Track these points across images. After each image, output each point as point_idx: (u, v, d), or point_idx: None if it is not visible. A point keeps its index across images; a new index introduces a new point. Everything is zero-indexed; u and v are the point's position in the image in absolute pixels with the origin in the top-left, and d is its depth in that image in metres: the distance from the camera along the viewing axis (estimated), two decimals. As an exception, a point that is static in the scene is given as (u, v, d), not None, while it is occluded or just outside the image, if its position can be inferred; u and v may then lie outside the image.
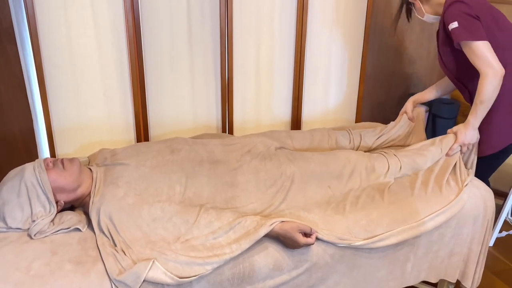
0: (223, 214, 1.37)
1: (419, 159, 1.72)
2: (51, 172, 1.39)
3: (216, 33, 2.07)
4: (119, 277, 1.17)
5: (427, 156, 1.73)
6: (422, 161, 1.72)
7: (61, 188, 1.39)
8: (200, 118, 2.21)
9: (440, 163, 1.73)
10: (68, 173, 1.41)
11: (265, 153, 1.67)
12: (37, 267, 1.18)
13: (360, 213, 1.49)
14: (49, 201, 1.35)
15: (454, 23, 1.59)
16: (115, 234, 1.29)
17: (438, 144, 1.75)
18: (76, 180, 1.42)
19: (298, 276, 1.39)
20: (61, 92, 1.92)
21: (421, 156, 1.73)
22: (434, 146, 1.75)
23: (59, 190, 1.39)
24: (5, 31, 1.89)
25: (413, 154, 1.74)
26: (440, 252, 1.63)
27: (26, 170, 1.37)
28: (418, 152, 1.75)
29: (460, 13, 1.58)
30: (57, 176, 1.39)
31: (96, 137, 2.05)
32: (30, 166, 1.38)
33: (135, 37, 1.92)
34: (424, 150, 1.75)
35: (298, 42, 2.23)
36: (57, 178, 1.38)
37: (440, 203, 1.56)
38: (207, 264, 1.24)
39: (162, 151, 1.60)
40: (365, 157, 1.71)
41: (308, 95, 2.39)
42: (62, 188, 1.39)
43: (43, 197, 1.35)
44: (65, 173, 1.41)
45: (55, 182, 1.38)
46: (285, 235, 1.33)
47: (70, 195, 1.41)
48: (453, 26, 1.59)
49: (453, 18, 1.59)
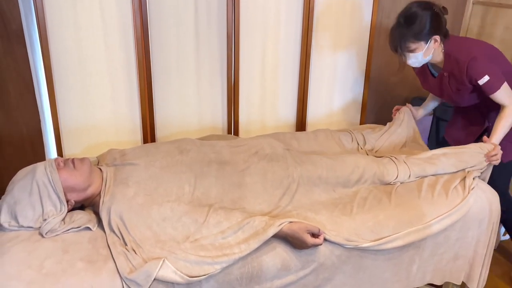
0: (232, 214, 1.39)
1: (429, 168, 1.72)
2: (62, 172, 1.40)
3: (222, 35, 2.09)
4: (130, 276, 1.19)
5: (437, 166, 1.72)
6: (433, 171, 1.72)
7: (72, 188, 1.40)
8: (206, 120, 2.23)
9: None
10: (79, 173, 1.43)
11: (272, 155, 1.68)
12: (49, 266, 1.20)
13: (367, 214, 1.50)
14: (60, 200, 1.37)
15: (485, 78, 1.71)
16: (125, 233, 1.31)
17: (450, 156, 1.74)
18: (86, 179, 1.43)
19: (305, 276, 1.40)
20: (69, 93, 1.94)
21: (432, 166, 1.72)
22: (446, 157, 1.74)
23: (69, 190, 1.40)
24: (15, 32, 1.91)
25: (423, 163, 1.72)
26: (446, 255, 1.64)
27: (38, 170, 1.38)
28: (429, 161, 1.73)
29: (486, 67, 1.71)
30: (68, 175, 1.40)
31: (103, 137, 2.06)
32: (41, 166, 1.40)
33: (143, 39, 1.94)
34: (435, 159, 1.73)
35: (304, 44, 2.24)
36: (68, 178, 1.40)
37: (446, 206, 1.57)
38: (217, 263, 1.25)
39: (171, 151, 1.61)
40: (375, 163, 1.70)
41: (313, 97, 2.40)
42: (73, 187, 1.41)
43: (54, 196, 1.36)
44: (76, 173, 1.42)
45: (66, 181, 1.39)
46: (293, 236, 1.34)
47: (80, 194, 1.43)
48: (485, 80, 1.71)
49: (483, 72, 1.71)
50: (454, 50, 1.77)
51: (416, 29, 1.70)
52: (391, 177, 1.68)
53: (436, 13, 1.71)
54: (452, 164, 1.72)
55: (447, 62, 1.80)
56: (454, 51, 1.77)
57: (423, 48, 1.73)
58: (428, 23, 1.69)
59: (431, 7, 1.71)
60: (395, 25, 1.76)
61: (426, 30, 1.70)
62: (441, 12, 1.73)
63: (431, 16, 1.70)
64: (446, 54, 1.79)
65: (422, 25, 1.69)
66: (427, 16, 1.69)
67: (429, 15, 1.69)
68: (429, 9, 1.70)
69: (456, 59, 1.76)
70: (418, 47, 1.73)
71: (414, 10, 1.71)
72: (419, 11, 1.70)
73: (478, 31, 2.66)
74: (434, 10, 1.71)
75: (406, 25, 1.72)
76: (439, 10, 1.72)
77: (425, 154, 1.76)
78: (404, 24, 1.72)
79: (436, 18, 1.71)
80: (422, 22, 1.69)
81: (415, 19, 1.70)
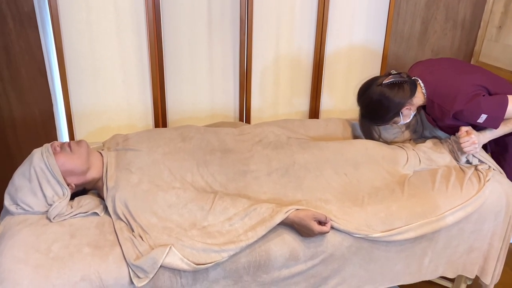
0: (238, 201, 1.37)
1: (435, 156, 1.70)
2: (59, 156, 1.39)
3: (236, 20, 2.05)
4: (136, 262, 1.18)
5: (444, 154, 1.70)
6: (440, 159, 1.70)
7: (70, 171, 1.40)
8: (218, 106, 2.20)
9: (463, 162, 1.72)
10: (76, 156, 1.42)
11: (277, 142, 1.65)
12: (56, 250, 1.20)
13: (379, 205, 1.47)
14: (60, 184, 1.37)
15: (482, 117, 1.58)
16: (131, 220, 1.30)
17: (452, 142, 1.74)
18: (84, 162, 1.42)
19: (313, 266, 1.38)
20: (81, 77, 1.93)
21: (439, 154, 1.70)
22: (446, 145, 1.75)
23: (68, 173, 1.40)
24: (27, 15, 1.90)
25: (429, 150, 1.71)
26: (459, 248, 1.60)
27: (35, 156, 1.38)
28: (435, 149, 1.72)
29: (476, 109, 1.57)
30: (65, 159, 1.39)
31: (114, 121, 2.06)
32: (38, 152, 1.39)
33: (155, 22, 1.91)
34: (441, 147, 1.74)
35: (319, 31, 2.19)
36: (65, 162, 1.39)
37: (461, 198, 1.53)
38: (224, 251, 1.24)
39: (174, 138, 1.60)
40: (383, 146, 1.69)
41: (328, 85, 2.35)
42: (71, 171, 1.40)
43: (53, 181, 1.36)
44: (73, 156, 1.41)
45: (64, 165, 1.39)
46: (299, 223, 1.32)
47: (80, 178, 1.42)
48: (483, 119, 1.59)
49: (478, 113, 1.58)
50: (436, 96, 1.65)
51: (382, 117, 1.65)
52: (401, 160, 1.65)
53: (392, 87, 1.61)
54: None
55: (430, 107, 1.69)
56: (436, 97, 1.65)
57: (399, 121, 1.68)
58: (390, 104, 1.61)
59: (383, 86, 1.60)
60: (360, 117, 1.74)
61: (392, 111, 1.62)
62: (397, 76, 1.62)
63: (389, 96, 1.60)
64: (429, 99, 1.67)
65: (385, 111, 1.63)
66: (384, 100, 1.60)
67: (386, 97, 1.60)
68: (383, 91, 1.60)
69: (439, 106, 1.64)
70: (393, 122, 1.69)
71: (369, 101, 1.64)
72: (375, 99, 1.62)
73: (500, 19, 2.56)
74: (388, 86, 1.60)
75: (370, 117, 1.69)
76: (393, 78, 1.61)
77: (429, 143, 1.76)
78: (368, 116, 1.70)
79: (394, 92, 1.60)
80: (383, 109, 1.62)
81: (375, 110, 1.64)
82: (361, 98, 1.69)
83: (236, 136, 1.69)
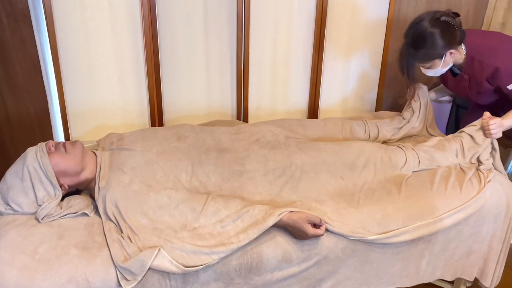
0: (231, 202, 1.34)
1: (437, 155, 1.65)
2: (53, 156, 1.37)
3: (232, 17, 2.02)
4: (124, 264, 1.16)
5: (446, 152, 1.66)
6: (442, 158, 1.65)
7: (64, 172, 1.37)
8: (215, 104, 2.18)
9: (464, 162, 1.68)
10: (70, 157, 1.39)
11: (274, 142, 1.62)
12: (43, 251, 1.18)
13: (375, 206, 1.43)
14: (52, 185, 1.34)
15: None
16: (121, 221, 1.28)
17: (456, 140, 1.70)
18: (79, 163, 1.40)
19: (307, 269, 1.36)
20: (76, 75, 1.91)
21: (441, 152, 1.66)
22: (453, 142, 1.69)
23: (62, 174, 1.37)
24: (21, 11, 1.88)
25: (430, 149, 1.67)
26: (458, 250, 1.57)
27: (28, 155, 1.35)
28: (437, 148, 1.67)
29: None
30: (59, 159, 1.37)
31: (110, 120, 2.04)
32: (32, 151, 1.37)
33: (150, 19, 1.89)
34: (442, 146, 1.68)
35: (318, 28, 2.15)
36: (59, 162, 1.37)
37: (460, 199, 1.49)
38: (214, 253, 1.21)
39: (169, 138, 1.57)
40: (381, 148, 1.64)
41: (326, 83, 2.32)
42: (65, 171, 1.38)
43: (46, 181, 1.34)
44: (67, 157, 1.39)
45: (57, 166, 1.36)
46: (293, 225, 1.29)
47: (73, 178, 1.40)
48: None
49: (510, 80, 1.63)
50: (476, 52, 1.65)
51: (427, 51, 1.60)
52: (400, 162, 1.61)
53: (446, 26, 1.58)
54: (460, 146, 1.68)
55: (469, 65, 1.68)
56: (477, 52, 1.65)
57: (438, 64, 1.64)
58: (439, 41, 1.57)
59: (439, 21, 1.58)
60: (404, 47, 1.65)
61: (438, 49, 1.59)
62: (452, 19, 1.60)
63: (441, 32, 1.57)
64: (469, 56, 1.67)
65: (432, 45, 1.58)
66: (436, 34, 1.57)
67: (439, 32, 1.57)
68: (437, 25, 1.57)
69: (479, 62, 1.64)
70: (432, 65, 1.65)
71: (421, 30, 1.59)
72: (427, 30, 1.57)
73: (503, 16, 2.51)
74: (443, 23, 1.57)
75: (415, 48, 1.62)
76: (449, 18, 1.59)
77: (431, 141, 1.70)
78: (413, 46, 1.62)
79: (447, 32, 1.58)
80: (432, 42, 1.58)
81: (424, 41, 1.59)
82: (413, 27, 1.63)
83: (232, 135, 1.66)
